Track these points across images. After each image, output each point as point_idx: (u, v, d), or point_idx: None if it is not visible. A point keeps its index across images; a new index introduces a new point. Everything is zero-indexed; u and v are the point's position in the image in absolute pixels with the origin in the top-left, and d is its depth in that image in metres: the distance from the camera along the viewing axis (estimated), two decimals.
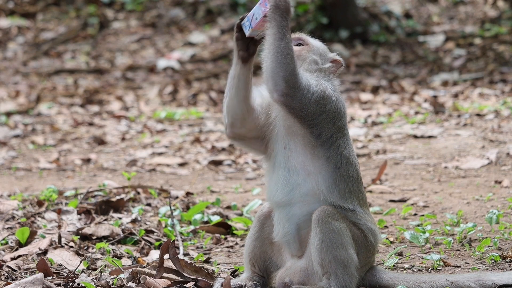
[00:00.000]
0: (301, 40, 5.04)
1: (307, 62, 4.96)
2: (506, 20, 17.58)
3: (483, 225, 6.18)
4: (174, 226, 6.25)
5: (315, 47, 5.03)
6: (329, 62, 5.00)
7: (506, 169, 8.02)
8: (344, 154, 4.86)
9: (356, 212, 4.86)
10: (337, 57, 5.04)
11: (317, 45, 5.05)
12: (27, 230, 5.93)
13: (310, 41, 5.04)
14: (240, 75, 4.95)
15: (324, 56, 5.02)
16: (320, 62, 4.99)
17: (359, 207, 4.88)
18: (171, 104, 13.11)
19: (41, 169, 9.21)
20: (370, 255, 4.92)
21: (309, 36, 5.11)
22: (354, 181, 4.89)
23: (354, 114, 11.21)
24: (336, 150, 4.85)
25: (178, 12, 18.49)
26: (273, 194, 4.90)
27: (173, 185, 8.18)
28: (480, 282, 4.80)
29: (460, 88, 12.98)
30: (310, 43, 5.03)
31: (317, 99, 4.78)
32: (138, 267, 5.31)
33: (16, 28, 18.11)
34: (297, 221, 4.87)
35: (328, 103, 4.82)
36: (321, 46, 5.06)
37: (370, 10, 17.27)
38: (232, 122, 4.96)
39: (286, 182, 4.86)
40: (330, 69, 4.99)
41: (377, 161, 8.74)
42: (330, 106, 4.83)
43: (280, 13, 4.75)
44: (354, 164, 4.90)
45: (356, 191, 4.89)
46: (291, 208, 4.87)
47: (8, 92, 13.86)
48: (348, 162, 4.87)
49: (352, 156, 4.91)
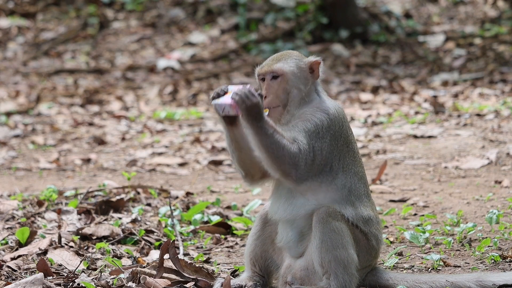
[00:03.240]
0: (273, 72, 4.91)
1: (292, 95, 4.88)
2: (506, 20, 17.57)
3: (483, 225, 6.18)
4: (174, 226, 6.25)
5: (290, 72, 4.90)
6: (308, 70, 4.91)
7: (506, 169, 8.02)
8: (353, 171, 4.85)
9: (368, 221, 4.87)
10: (312, 59, 4.94)
11: (291, 69, 4.91)
12: (27, 230, 5.93)
13: (282, 70, 4.89)
14: (236, 138, 4.88)
15: (301, 72, 4.91)
16: (302, 86, 4.89)
17: (373, 216, 4.89)
18: (171, 104, 13.11)
19: (41, 169, 9.21)
20: (371, 258, 4.92)
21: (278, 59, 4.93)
22: (363, 195, 4.88)
23: (354, 114, 11.21)
24: (342, 171, 4.84)
25: (178, 12, 18.48)
26: (276, 211, 4.91)
27: (173, 185, 8.18)
28: (480, 283, 4.80)
29: (460, 88, 12.98)
30: (283, 71, 4.89)
31: (320, 146, 4.76)
32: (138, 267, 5.31)
33: (16, 28, 18.11)
34: (301, 229, 4.87)
35: (326, 136, 4.81)
36: (293, 64, 4.92)
37: (370, 10, 17.27)
38: (246, 173, 4.95)
39: (289, 203, 4.87)
40: (312, 77, 4.91)
41: (377, 161, 8.74)
42: (329, 136, 4.81)
43: (254, 116, 4.67)
44: (363, 178, 4.89)
45: (365, 202, 4.89)
46: (295, 221, 4.88)
47: (8, 92, 13.86)
48: (356, 178, 4.86)
49: (360, 172, 4.89)
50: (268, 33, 16.93)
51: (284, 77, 4.89)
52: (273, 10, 17.52)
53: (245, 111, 4.69)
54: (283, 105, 4.88)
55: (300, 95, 4.88)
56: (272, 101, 4.88)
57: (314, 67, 4.92)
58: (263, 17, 17.46)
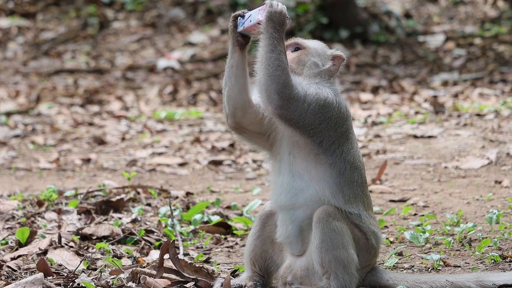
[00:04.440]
0: (298, 44, 5.00)
1: (307, 67, 4.93)
2: (506, 20, 17.58)
3: (483, 225, 6.18)
4: (174, 226, 6.25)
5: (313, 48, 4.99)
6: (330, 60, 4.98)
7: (506, 169, 8.02)
8: (348, 159, 4.85)
9: (361, 216, 4.86)
10: (337, 52, 5.00)
11: (315, 46, 5.01)
12: (27, 230, 5.93)
13: (307, 44, 5.00)
14: (238, 63, 4.89)
15: (324, 55, 4.99)
16: (320, 63, 4.95)
17: (364, 211, 4.88)
18: (171, 104, 13.11)
19: (41, 169, 9.21)
20: (371, 257, 4.92)
21: (306, 38, 5.08)
22: (359, 186, 4.88)
23: (354, 114, 11.21)
24: (339, 156, 4.84)
25: (178, 12, 18.49)
26: (277, 197, 4.91)
27: (173, 185, 8.18)
28: (480, 283, 4.80)
29: (460, 88, 12.98)
30: (307, 45, 4.99)
31: (315, 109, 4.76)
32: (138, 267, 5.31)
33: (16, 28, 18.11)
34: (300, 223, 4.87)
35: (329, 111, 4.80)
36: (319, 46, 5.02)
37: (370, 10, 17.27)
38: (233, 112, 4.94)
39: (291, 187, 4.86)
40: (332, 68, 4.96)
41: (377, 161, 8.74)
42: (331, 113, 4.81)
43: (273, 25, 4.73)
44: (358, 168, 4.89)
45: (360, 195, 4.88)
46: (295, 211, 4.87)
47: (8, 92, 13.86)
48: (352, 167, 4.86)
49: (357, 161, 4.89)
50: None
51: (306, 51, 4.95)
52: None
53: (269, 14, 4.72)
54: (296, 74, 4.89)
55: (314, 71, 4.90)
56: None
57: (336, 61, 4.96)
58: None
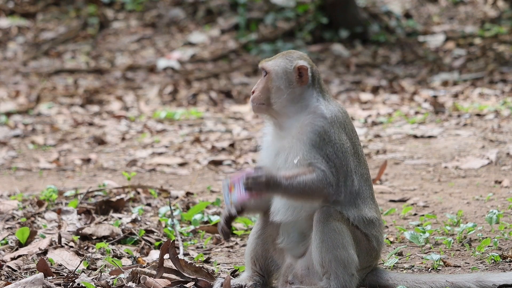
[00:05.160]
0: (263, 68, 4.92)
1: (274, 93, 4.86)
2: (506, 20, 17.57)
3: (483, 225, 6.18)
4: (174, 226, 6.25)
5: (273, 71, 4.87)
6: (295, 73, 4.87)
7: (506, 169, 8.02)
8: (359, 173, 4.84)
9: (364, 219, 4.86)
10: (300, 63, 4.88)
11: (275, 68, 4.88)
12: (27, 230, 5.93)
13: (269, 68, 4.89)
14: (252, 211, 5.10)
15: (287, 72, 4.88)
16: (283, 86, 4.85)
17: (376, 219, 4.88)
18: (171, 104, 13.11)
19: (41, 169, 9.21)
20: (371, 259, 4.91)
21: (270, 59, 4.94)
22: (368, 197, 4.88)
23: (354, 114, 11.20)
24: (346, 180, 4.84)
25: (178, 12, 18.48)
26: (276, 213, 4.90)
27: (173, 185, 8.18)
28: (480, 283, 4.80)
29: (460, 88, 12.98)
30: (269, 69, 4.89)
31: (333, 151, 4.76)
32: (138, 267, 5.31)
33: (16, 28, 18.11)
34: (303, 230, 4.87)
35: (333, 139, 4.80)
36: (280, 64, 4.89)
37: (370, 10, 17.27)
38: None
39: (289, 204, 4.86)
40: (301, 82, 4.86)
41: (377, 161, 8.74)
42: (334, 139, 4.80)
43: (270, 186, 4.71)
44: (368, 180, 4.88)
45: (370, 204, 4.88)
46: (296, 223, 4.88)
47: (8, 92, 13.86)
48: (362, 180, 4.85)
49: (365, 174, 4.88)
50: (268, 33, 16.93)
51: (270, 75, 4.89)
52: (273, 10, 17.52)
53: (264, 188, 4.71)
54: (267, 103, 4.87)
55: (282, 96, 4.84)
56: (256, 97, 4.90)
57: (302, 71, 4.87)
58: (263, 17, 17.46)
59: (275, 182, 4.69)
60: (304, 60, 4.89)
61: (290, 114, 4.85)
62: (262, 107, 4.89)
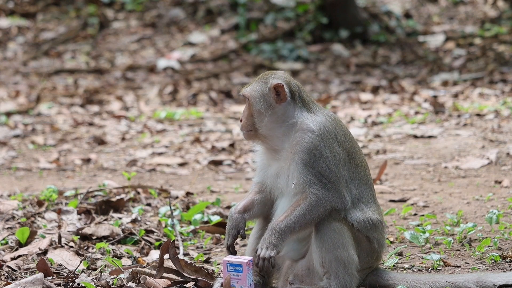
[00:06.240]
0: (244, 96, 4.93)
1: (257, 118, 4.86)
2: (506, 20, 17.57)
3: (483, 225, 6.18)
4: (174, 226, 6.25)
5: (252, 97, 4.87)
6: (273, 94, 4.85)
7: (506, 169, 8.02)
8: (358, 178, 4.84)
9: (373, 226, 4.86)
10: (274, 82, 4.87)
11: (252, 93, 4.87)
12: (27, 230, 5.93)
13: (248, 94, 4.88)
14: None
15: (264, 94, 4.87)
16: (263, 108, 4.85)
17: (378, 222, 4.88)
18: (171, 104, 13.11)
19: (41, 169, 9.21)
20: (372, 260, 4.92)
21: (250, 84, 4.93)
22: (370, 200, 4.88)
23: (354, 114, 11.21)
24: (349, 179, 4.84)
25: (178, 12, 18.49)
26: (276, 217, 4.90)
27: (173, 185, 8.18)
28: (480, 283, 4.80)
29: (460, 88, 12.98)
30: (248, 95, 4.89)
31: (326, 165, 4.75)
32: (138, 267, 5.31)
33: (16, 28, 18.11)
34: (303, 235, 4.88)
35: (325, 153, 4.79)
36: (256, 88, 4.89)
37: (370, 10, 17.28)
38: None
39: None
40: (278, 101, 4.84)
41: (377, 161, 8.74)
42: (327, 152, 4.80)
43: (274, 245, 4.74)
44: (367, 182, 4.89)
45: (372, 206, 4.88)
46: None
47: (8, 92, 13.86)
48: (361, 183, 4.86)
49: (364, 177, 4.88)
50: (268, 33, 16.93)
51: (250, 101, 4.90)
52: (273, 10, 17.53)
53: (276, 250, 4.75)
54: (254, 129, 4.88)
55: (265, 119, 4.83)
56: (244, 124, 4.92)
57: (278, 90, 4.85)
58: (263, 17, 17.46)
59: (278, 236, 4.72)
60: (278, 78, 4.87)
61: (279, 135, 4.84)
62: (251, 134, 4.90)
